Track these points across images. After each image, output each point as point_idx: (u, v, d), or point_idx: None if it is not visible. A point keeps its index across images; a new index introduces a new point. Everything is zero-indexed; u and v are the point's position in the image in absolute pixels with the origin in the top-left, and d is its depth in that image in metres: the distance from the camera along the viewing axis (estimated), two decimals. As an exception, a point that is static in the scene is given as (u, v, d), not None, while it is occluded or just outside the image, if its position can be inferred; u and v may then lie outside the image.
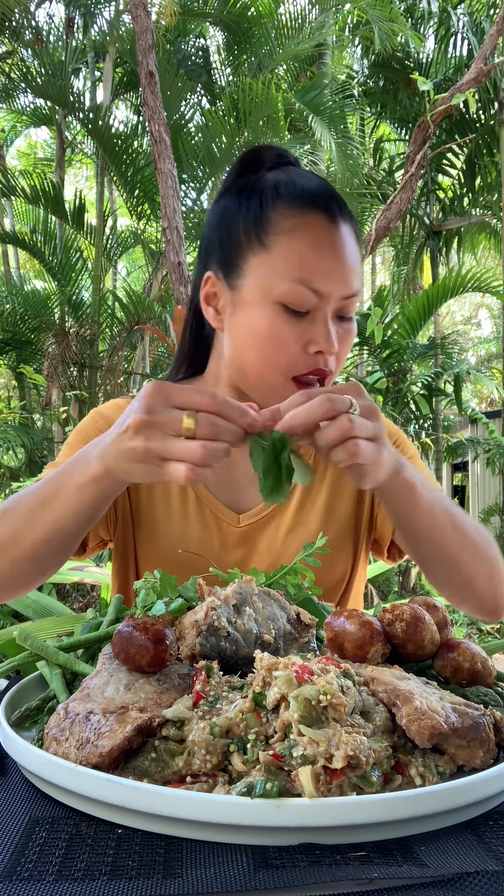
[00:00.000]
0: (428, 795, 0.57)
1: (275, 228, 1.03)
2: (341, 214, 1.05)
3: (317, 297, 1.01)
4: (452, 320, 21.05)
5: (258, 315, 1.03)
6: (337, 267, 1.02)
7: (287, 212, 1.04)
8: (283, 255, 1.02)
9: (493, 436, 8.77)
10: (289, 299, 1.01)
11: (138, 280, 13.03)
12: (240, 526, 1.16)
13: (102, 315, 8.65)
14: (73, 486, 0.87)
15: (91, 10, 8.85)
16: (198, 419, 0.74)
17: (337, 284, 1.02)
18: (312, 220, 1.03)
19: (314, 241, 1.02)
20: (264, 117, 7.49)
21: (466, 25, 8.63)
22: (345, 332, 1.07)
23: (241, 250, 1.06)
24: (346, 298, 1.04)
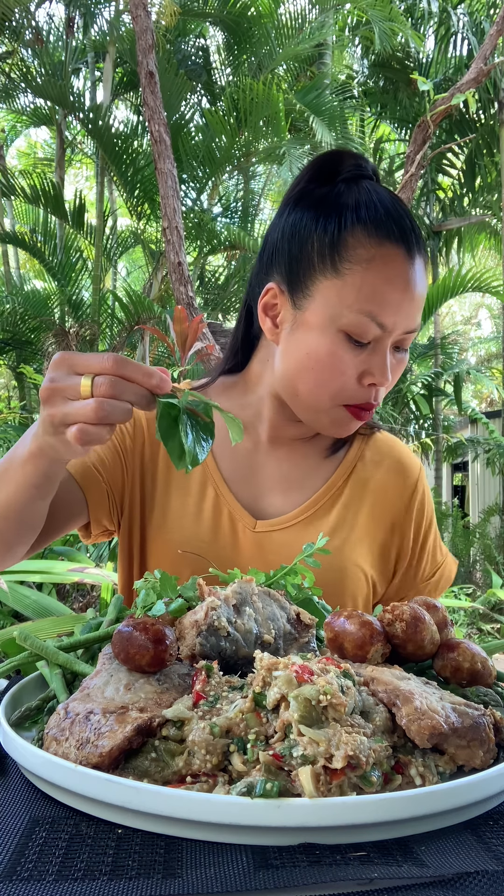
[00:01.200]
0: (428, 795, 0.57)
1: (351, 256, 1.01)
2: (418, 248, 1.05)
3: (381, 329, 1.01)
4: (452, 320, 21.05)
5: (320, 340, 1.03)
6: (406, 302, 1.02)
7: (366, 241, 1.02)
8: (356, 286, 1.01)
9: (493, 436, 8.78)
10: (354, 330, 1.01)
11: (138, 280, 13.03)
12: (255, 531, 1.13)
13: (102, 315, 8.65)
14: (17, 464, 0.89)
15: (91, 10, 8.84)
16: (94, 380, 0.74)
17: (402, 319, 1.02)
18: (390, 253, 1.01)
19: (389, 275, 1.01)
20: (264, 117, 7.48)
21: (466, 25, 8.63)
22: (397, 362, 1.07)
23: (313, 271, 1.04)
24: (407, 333, 1.05)
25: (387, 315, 1.01)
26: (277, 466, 1.18)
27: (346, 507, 1.18)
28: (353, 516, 1.18)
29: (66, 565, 3.28)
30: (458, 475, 14.59)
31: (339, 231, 1.03)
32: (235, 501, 1.15)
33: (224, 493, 1.15)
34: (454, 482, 14.38)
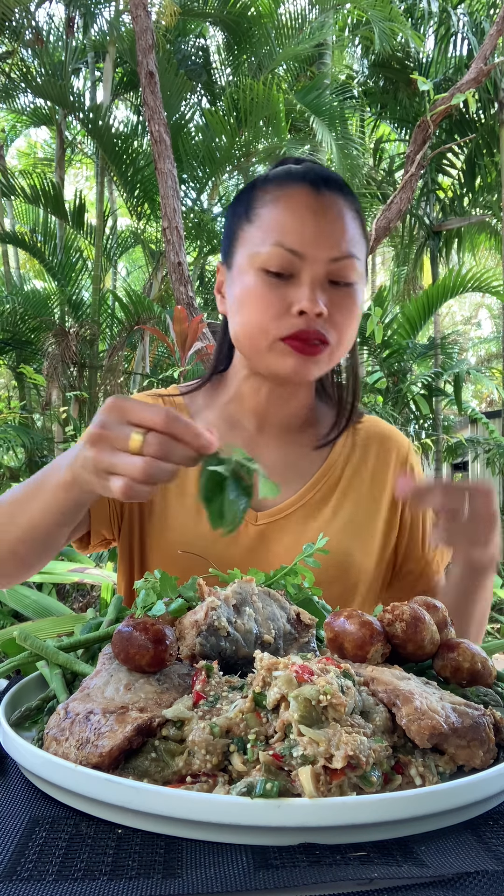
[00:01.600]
0: (428, 795, 0.57)
1: (258, 203, 1.08)
2: (328, 187, 1.07)
3: (298, 258, 1.03)
4: (452, 320, 21.05)
5: (244, 281, 1.07)
6: (318, 229, 1.04)
7: (271, 187, 1.09)
8: (264, 223, 1.06)
9: (493, 436, 8.78)
10: (269, 262, 1.04)
11: (138, 280, 13.03)
12: (256, 524, 1.14)
13: (102, 315, 8.65)
14: (47, 491, 0.90)
15: (91, 10, 8.84)
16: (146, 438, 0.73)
17: (318, 246, 1.03)
18: (295, 190, 1.07)
19: (294, 207, 1.06)
20: (264, 117, 7.48)
21: (466, 25, 8.62)
22: (340, 297, 1.06)
23: (234, 232, 1.12)
24: (334, 261, 1.04)
25: (296, 242, 1.03)
26: (271, 457, 1.19)
27: (344, 492, 1.19)
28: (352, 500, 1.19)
29: (66, 565, 3.28)
30: (458, 475, 14.59)
31: (251, 191, 1.12)
32: None
33: None
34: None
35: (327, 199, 1.06)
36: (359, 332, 4.89)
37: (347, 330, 1.08)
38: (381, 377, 7.84)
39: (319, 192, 1.06)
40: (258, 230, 1.07)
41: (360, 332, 4.52)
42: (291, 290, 1.04)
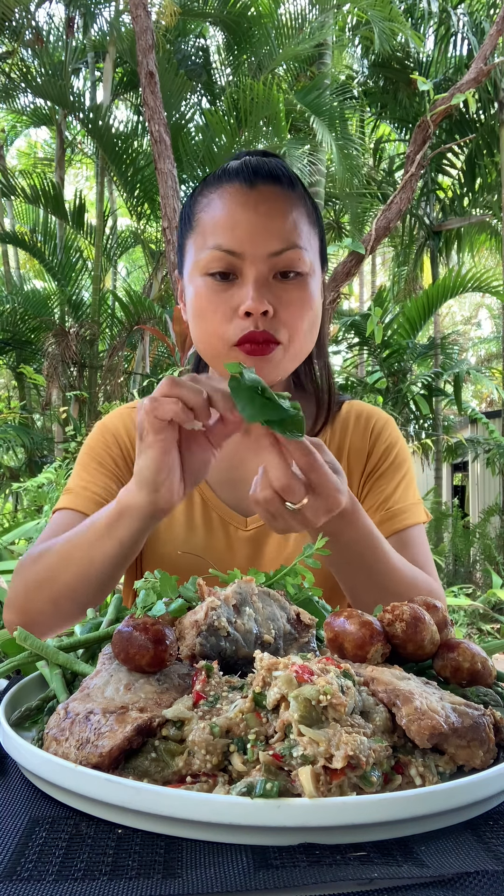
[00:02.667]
0: (428, 795, 0.57)
1: (198, 209, 1.09)
2: (263, 179, 1.06)
3: (237, 258, 1.02)
4: (452, 320, 21.05)
5: (193, 290, 1.07)
6: (253, 226, 1.02)
7: (207, 191, 1.09)
8: (203, 229, 1.06)
9: (493, 436, 8.78)
10: (211, 267, 1.03)
11: (138, 280, 13.03)
12: (247, 529, 1.14)
13: (102, 315, 8.65)
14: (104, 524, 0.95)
15: (91, 10, 8.84)
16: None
17: (255, 242, 1.02)
18: (227, 189, 1.06)
19: (226, 206, 1.05)
20: (264, 117, 7.49)
21: (466, 25, 8.63)
22: (289, 291, 1.04)
23: (182, 242, 1.13)
24: (275, 255, 1.02)
25: (232, 242, 1.02)
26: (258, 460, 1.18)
27: None
28: None
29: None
30: (458, 475, 14.59)
31: (191, 198, 1.12)
32: (223, 504, 1.15)
33: (210, 498, 1.15)
34: (454, 482, 14.38)
35: (261, 192, 1.04)
36: (358, 332, 4.92)
37: (298, 324, 1.05)
38: (381, 377, 7.85)
39: (252, 187, 1.04)
40: (199, 236, 1.06)
41: (359, 331, 4.55)
42: (237, 291, 1.03)
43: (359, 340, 8.50)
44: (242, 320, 1.02)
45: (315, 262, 1.09)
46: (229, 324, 1.03)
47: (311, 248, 1.08)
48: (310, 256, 1.06)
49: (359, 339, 8.47)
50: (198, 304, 1.06)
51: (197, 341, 1.10)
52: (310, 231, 1.08)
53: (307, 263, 1.05)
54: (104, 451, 1.18)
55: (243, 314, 1.01)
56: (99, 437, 1.20)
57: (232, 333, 1.03)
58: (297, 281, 1.04)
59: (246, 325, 1.02)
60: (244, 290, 1.02)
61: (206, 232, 1.05)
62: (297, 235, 1.04)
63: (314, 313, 1.08)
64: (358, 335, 8.39)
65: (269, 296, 1.02)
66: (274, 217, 1.03)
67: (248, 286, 1.01)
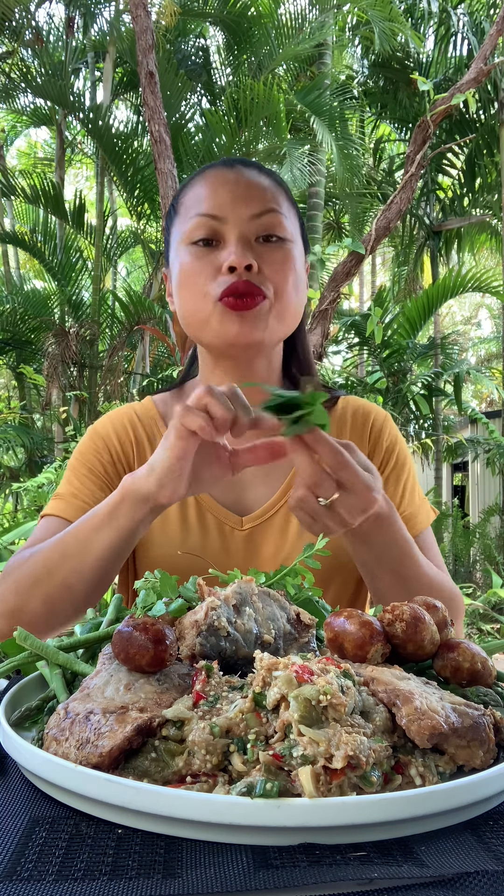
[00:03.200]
0: (428, 795, 0.57)
1: (181, 196, 1.15)
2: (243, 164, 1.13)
3: (219, 223, 1.06)
4: (452, 320, 21.05)
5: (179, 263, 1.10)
6: (235, 192, 1.08)
7: (191, 181, 1.15)
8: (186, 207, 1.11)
9: (493, 436, 8.78)
10: (194, 234, 1.07)
11: (138, 280, 13.03)
12: (243, 529, 1.13)
13: (102, 315, 8.65)
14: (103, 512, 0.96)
15: (91, 10, 8.84)
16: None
17: (236, 205, 1.07)
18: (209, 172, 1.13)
19: (208, 181, 1.11)
20: (264, 117, 7.49)
21: (466, 25, 8.63)
22: (271, 252, 1.07)
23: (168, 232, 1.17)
24: (256, 217, 1.07)
25: (214, 207, 1.07)
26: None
27: None
28: None
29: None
30: (458, 475, 14.58)
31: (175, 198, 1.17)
32: (217, 505, 1.14)
33: (204, 499, 1.14)
34: (454, 482, 14.37)
35: (240, 169, 1.11)
36: (358, 332, 4.91)
37: (284, 282, 1.07)
38: (381, 377, 7.84)
39: (233, 168, 1.11)
40: (183, 214, 1.11)
41: (359, 331, 4.55)
42: (220, 253, 1.06)
43: (359, 340, 8.50)
44: (226, 276, 1.04)
45: (296, 234, 1.12)
46: (213, 282, 1.05)
47: (291, 220, 1.12)
48: (290, 225, 1.10)
49: (359, 339, 8.47)
50: (184, 272, 1.08)
51: (182, 310, 1.11)
52: (289, 207, 1.12)
53: (288, 230, 1.09)
54: (95, 458, 1.18)
55: (227, 270, 1.04)
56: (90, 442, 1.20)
57: (215, 290, 1.05)
58: (280, 244, 1.08)
59: (229, 279, 1.04)
60: (227, 250, 1.05)
61: (188, 207, 1.10)
62: (276, 202, 1.09)
63: (298, 276, 1.10)
64: (358, 335, 8.39)
65: (252, 253, 1.05)
66: (253, 185, 1.09)
67: (232, 244, 1.05)
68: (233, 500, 1.15)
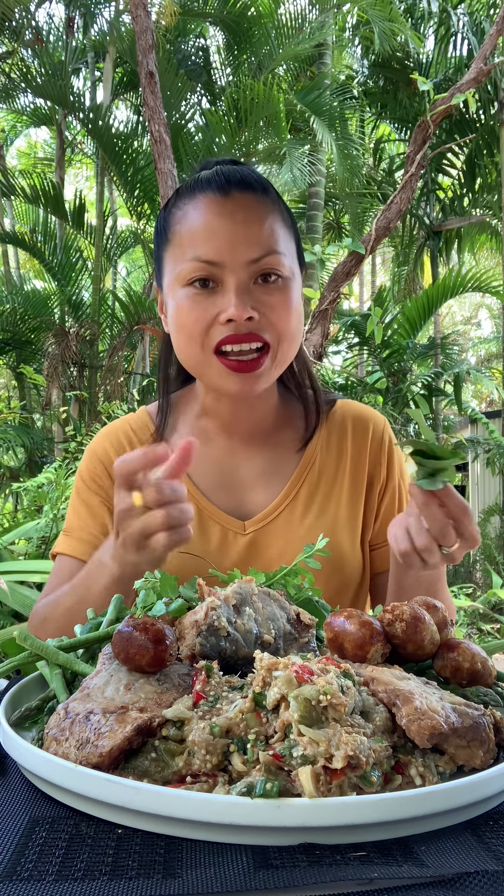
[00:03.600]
0: (428, 795, 0.57)
1: (173, 220, 1.09)
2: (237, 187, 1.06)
3: (216, 267, 1.03)
4: (452, 320, 21.05)
5: (174, 301, 1.07)
6: (231, 235, 1.03)
7: (181, 203, 1.09)
8: (180, 240, 1.07)
9: (493, 436, 8.77)
10: (190, 277, 1.04)
11: (138, 280, 13.02)
12: (246, 533, 1.13)
13: (102, 315, 8.65)
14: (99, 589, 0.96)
15: (91, 10, 8.84)
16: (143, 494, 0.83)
17: (234, 251, 1.02)
18: (201, 199, 1.06)
19: (202, 216, 1.05)
20: (264, 117, 7.49)
21: (466, 25, 8.63)
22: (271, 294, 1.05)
23: (159, 255, 1.13)
24: (254, 262, 1.03)
25: (211, 252, 1.03)
26: (251, 464, 1.19)
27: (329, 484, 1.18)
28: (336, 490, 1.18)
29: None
30: (459, 475, 14.57)
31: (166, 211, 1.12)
32: (219, 511, 1.14)
33: (206, 506, 1.14)
34: (454, 482, 14.34)
35: (236, 200, 1.05)
36: (358, 332, 4.91)
37: (286, 325, 1.06)
38: (381, 377, 7.84)
39: (227, 196, 1.05)
40: (177, 248, 1.07)
41: (359, 331, 4.54)
42: (218, 299, 1.03)
43: (359, 340, 8.50)
44: (224, 326, 1.02)
45: (294, 267, 1.09)
46: (211, 331, 1.04)
47: (289, 253, 1.09)
48: (288, 261, 1.07)
49: (359, 339, 8.48)
50: (178, 314, 1.06)
51: (179, 352, 1.10)
52: (286, 236, 1.09)
53: (287, 268, 1.06)
54: (95, 483, 1.20)
55: (225, 321, 1.02)
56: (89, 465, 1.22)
57: (211, 339, 1.04)
58: (279, 284, 1.05)
59: (227, 330, 1.03)
60: (226, 298, 1.02)
61: (183, 244, 1.06)
62: (274, 241, 1.05)
63: (297, 315, 1.09)
64: (358, 335, 8.39)
65: (251, 301, 1.02)
66: (251, 224, 1.04)
67: (230, 293, 1.02)
68: (234, 506, 1.15)
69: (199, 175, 1.10)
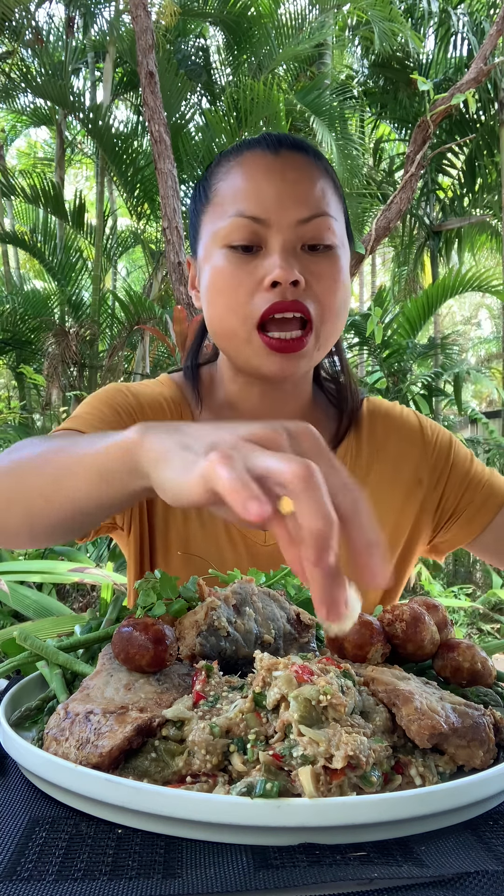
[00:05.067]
0: (428, 795, 0.57)
1: (216, 179, 1.00)
2: (286, 146, 0.98)
3: (262, 226, 0.93)
4: (452, 320, 21.04)
5: (213, 265, 0.97)
6: (280, 191, 0.94)
7: (226, 161, 1.01)
8: (223, 198, 0.98)
9: (493, 436, 8.77)
10: (233, 237, 0.94)
11: (138, 280, 13.02)
12: (266, 545, 1.06)
13: (102, 315, 8.65)
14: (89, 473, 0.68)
15: (91, 10, 8.84)
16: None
17: (282, 208, 0.93)
18: (248, 156, 0.98)
19: (249, 171, 0.97)
20: (264, 117, 7.48)
21: (466, 25, 8.63)
22: (319, 263, 0.95)
23: (197, 216, 1.03)
24: (304, 223, 0.94)
25: (256, 208, 0.93)
26: None
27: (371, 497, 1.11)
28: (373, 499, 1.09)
29: (66, 565, 3.28)
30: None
31: (209, 171, 1.03)
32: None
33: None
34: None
35: (286, 158, 0.97)
36: (358, 332, 4.92)
37: (332, 299, 0.96)
38: (381, 377, 7.84)
39: (277, 153, 0.97)
40: (218, 206, 0.98)
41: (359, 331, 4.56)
42: (262, 262, 0.93)
43: (359, 340, 8.50)
44: (268, 292, 0.92)
45: (344, 238, 1.00)
46: (252, 298, 0.93)
47: (339, 220, 0.99)
48: (339, 229, 0.98)
49: (359, 339, 8.47)
50: (216, 279, 0.96)
51: (215, 326, 1.00)
52: (338, 204, 1.00)
53: (337, 234, 0.97)
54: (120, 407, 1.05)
55: (269, 285, 0.92)
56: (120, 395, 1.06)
57: (255, 308, 0.93)
58: (328, 253, 0.96)
59: (271, 297, 0.92)
60: (270, 260, 0.92)
61: (225, 201, 0.97)
62: (326, 204, 0.96)
63: (345, 290, 0.98)
64: (358, 335, 8.39)
65: (298, 266, 0.93)
66: (301, 183, 0.95)
67: (275, 254, 0.92)
68: None
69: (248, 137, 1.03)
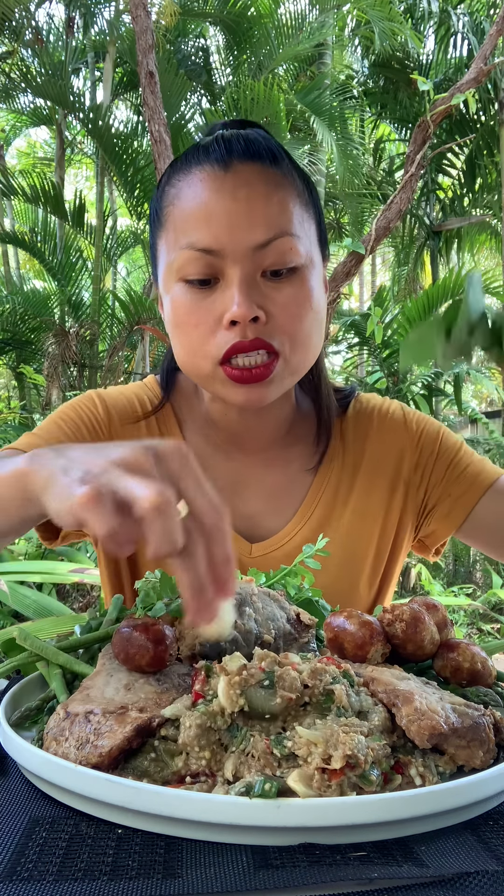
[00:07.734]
0: (428, 795, 0.57)
1: (166, 201, 0.92)
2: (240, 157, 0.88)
3: (214, 257, 0.85)
4: (452, 320, 21.00)
5: (171, 299, 0.91)
6: (230, 215, 0.85)
7: (175, 179, 0.92)
8: (173, 225, 0.89)
9: (493, 436, 8.78)
10: (186, 271, 0.87)
11: (138, 280, 13.02)
12: (252, 556, 1.04)
13: (102, 315, 8.65)
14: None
15: (91, 10, 8.84)
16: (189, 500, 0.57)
17: (235, 235, 0.85)
18: (196, 175, 0.88)
19: (197, 195, 0.87)
20: (264, 117, 7.48)
21: (466, 25, 8.63)
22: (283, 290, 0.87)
23: (153, 242, 0.96)
24: (261, 248, 0.85)
25: (207, 238, 0.85)
26: (261, 481, 1.07)
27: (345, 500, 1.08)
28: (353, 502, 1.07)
29: (66, 566, 3.28)
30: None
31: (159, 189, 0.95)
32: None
33: None
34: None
35: (238, 173, 0.87)
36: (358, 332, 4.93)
37: (297, 328, 0.88)
38: (381, 377, 7.84)
39: (228, 169, 0.87)
40: (171, 233, 0.90)
41: (359, 332, 4.57)
42: (220, 296, 0.87)
43: (359, 340, 8.50)
44: (228, 331, 0.86)
45: (313, 251, 0.92)
46: (213, 337, 0.88)
47: (306, 235, 0.90)
48: (304, 246, 0.89)
49: (359, 339, 8.47)
50: (176, 315, 0.90)
51: (178, 358, 0.95)
52: (303, 213, 0.91)
53: (301, 254, 0.88)
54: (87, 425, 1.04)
55: (228, 324, 0.86)
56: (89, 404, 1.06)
57: (216, 349, 0.87)
58: (292, 277, 0.88)
59: (231, 336, 0.86)
60: (228, 294, 0.86)
61: (177, 229, 0.89)
62: (286, 220, 0.87)
63: (315, 313, 0.91)
64: (358, 335, 8.39)
65: (258, 298, 0.86)
66: (255, 201, 0.86)
67: (232, 288, 0.85)
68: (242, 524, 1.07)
69: (200, 142, 0.93)
